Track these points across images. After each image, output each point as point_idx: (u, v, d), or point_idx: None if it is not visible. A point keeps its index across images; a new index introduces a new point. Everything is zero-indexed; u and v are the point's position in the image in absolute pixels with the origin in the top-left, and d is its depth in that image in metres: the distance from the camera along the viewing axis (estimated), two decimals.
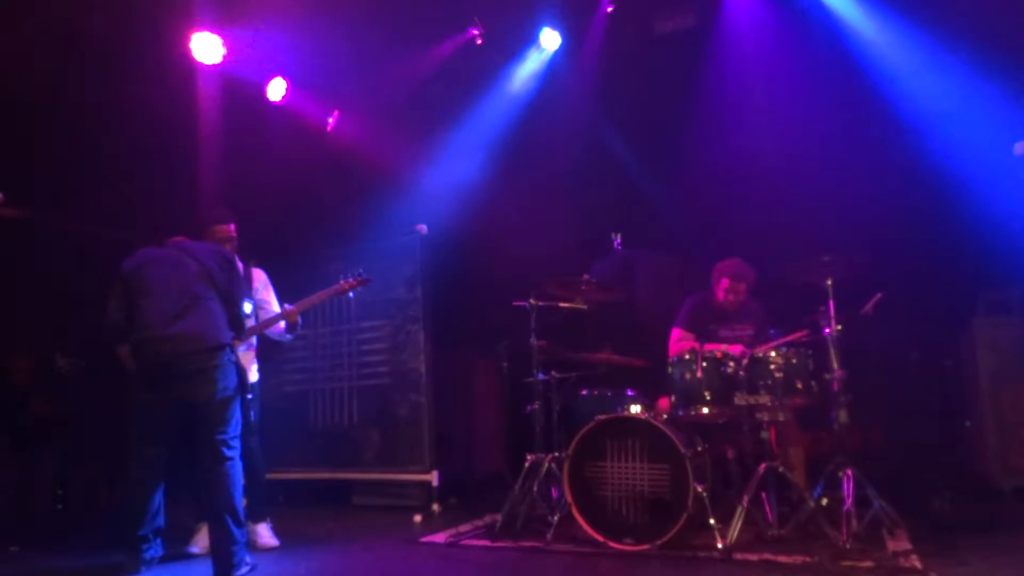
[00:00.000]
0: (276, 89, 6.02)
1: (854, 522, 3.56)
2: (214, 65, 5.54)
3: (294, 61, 5.81)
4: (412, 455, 5.43)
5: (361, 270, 4.49)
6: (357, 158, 6.19)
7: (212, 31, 5.42)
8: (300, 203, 6.34)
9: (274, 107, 6.11)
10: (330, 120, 6.31)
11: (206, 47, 5.45)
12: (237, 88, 5.77)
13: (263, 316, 4.35)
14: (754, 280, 4.49)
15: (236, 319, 3.76)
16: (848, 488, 3.65)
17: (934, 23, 4.72)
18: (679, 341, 4.51)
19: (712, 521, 3.64)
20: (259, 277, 4.46)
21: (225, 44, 5.49)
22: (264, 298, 4.41)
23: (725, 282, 4.47)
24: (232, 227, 4.26)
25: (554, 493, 4.33)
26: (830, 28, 5.11)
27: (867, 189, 5.29)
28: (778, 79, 5.25)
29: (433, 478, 5.29)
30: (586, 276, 4.45)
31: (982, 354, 4.90)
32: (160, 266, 3.67)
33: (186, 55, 5.44)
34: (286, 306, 4.30)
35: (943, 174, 4.82)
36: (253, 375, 4.32)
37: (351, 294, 4.52)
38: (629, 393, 4.37)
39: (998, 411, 4.83)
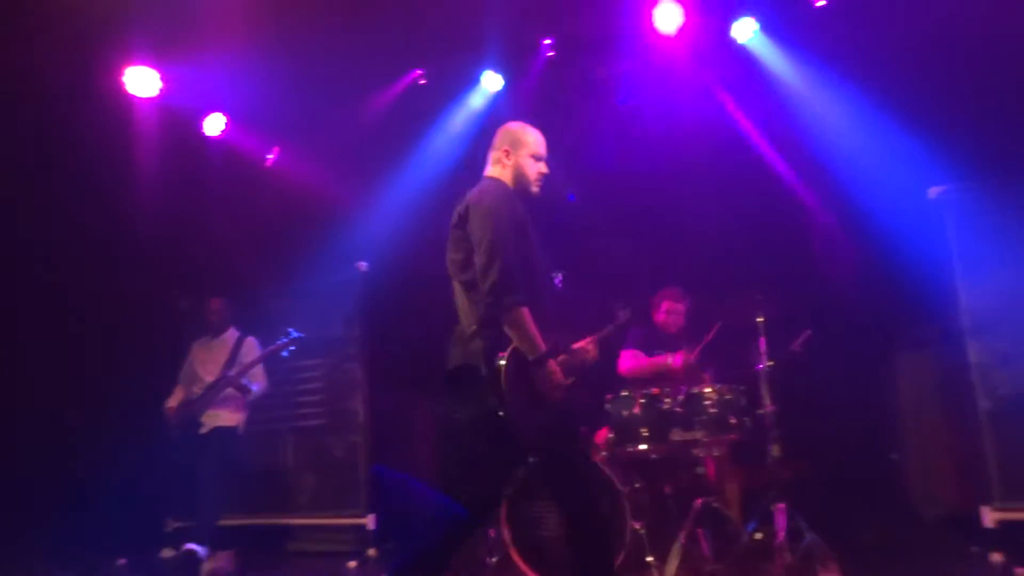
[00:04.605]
0: (214, 124, 5.94)
1: (787, 555, 3.63)
2: (150, 98, 5.45)
3: (233, 96, 5.75)
4: (348, 498, 5.29)
5: (291, 329, 5.00)
6: (298, 194, 6.13)
7: (149, 65, 5.35)
8: (242, 239, 6.22)
9: (213, 142, 6.01)
10: (269, 156, 6.25)
11: (141, 81, 5.36)
12: (174, 122, 5.67)
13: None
14: (689, 305, 4.73)
15: None
16: (781, 522, 3.72)
17: (861, 78, 4.99)
18: (632, 358, 4.66)
19: (650, 559, 3.64)
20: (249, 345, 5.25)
21: (162, 79, 5.41)
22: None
23: (666, 303, 4.72)
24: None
25: (492, 534, 4.27)
26: (761, 77, 5.34)
27: (796, 231, 5.52)
28: (707, 124, 5.45)
29: (369, 521, 5.15)
30: None
31: (904, 388, 5.11)
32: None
33: (120, 89, 5.34)
34: (227, 373, 4.96)
35: (867, 218, 5.07)
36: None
37: (284, 353, 5.05)
38: None
39: (921, 443, 5.02)
